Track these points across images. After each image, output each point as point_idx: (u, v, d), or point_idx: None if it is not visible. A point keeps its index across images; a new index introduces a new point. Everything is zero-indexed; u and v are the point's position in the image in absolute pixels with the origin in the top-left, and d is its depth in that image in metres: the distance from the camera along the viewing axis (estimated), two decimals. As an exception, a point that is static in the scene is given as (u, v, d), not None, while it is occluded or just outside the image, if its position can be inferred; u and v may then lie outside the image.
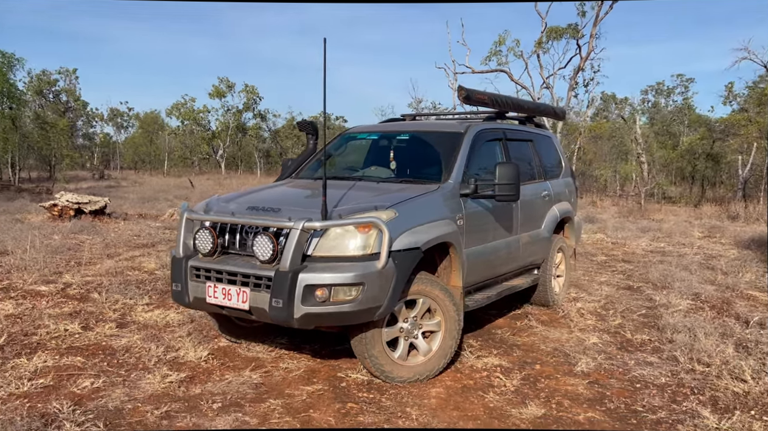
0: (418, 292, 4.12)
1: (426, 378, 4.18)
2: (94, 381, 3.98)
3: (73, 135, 47.26)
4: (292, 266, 3.64)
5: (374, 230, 3.78)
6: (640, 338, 5.26)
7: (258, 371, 4.29)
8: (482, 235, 4.88)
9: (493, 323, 5.72)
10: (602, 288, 7.25)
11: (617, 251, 10.59)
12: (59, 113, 44.65)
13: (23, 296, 6.17)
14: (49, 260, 8.04)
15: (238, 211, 4.16)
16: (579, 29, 27.01)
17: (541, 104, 7.03)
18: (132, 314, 5.62)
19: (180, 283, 4.06)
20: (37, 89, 46.33)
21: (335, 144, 5.78)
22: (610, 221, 15.31)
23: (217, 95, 50.46)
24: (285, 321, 3.69)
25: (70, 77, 50.57)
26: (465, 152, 4.88)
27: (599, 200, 24.27)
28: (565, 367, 4.55)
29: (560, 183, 6.52)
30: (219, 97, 50.63)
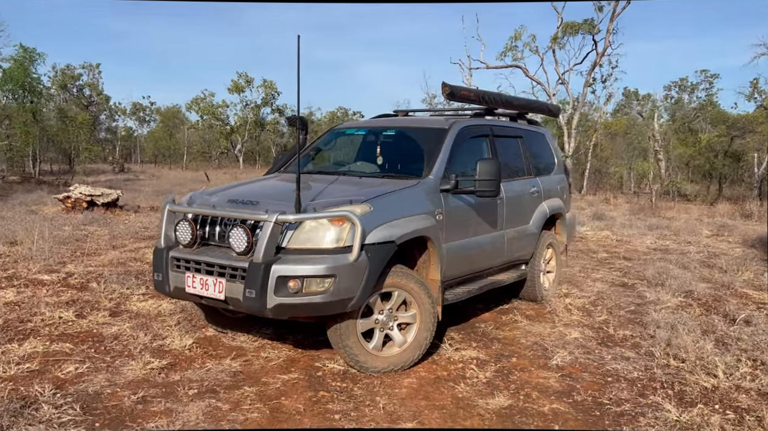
0: (393, 285, 4.21)
1: (401, 368, 4.28)
2: (79, 366, 4.14)
3: (96, 129, 48.07)
4: (265, 258, 3.76)
5: (347, 223, 3.88)
6: (622, 333, 5.29)
7: (239, 359, 4.43)
8: (463, 230, 4.95)
9: (479, 317, 5.79)
10: (596, 285, 7.27)
11: (620, 248, 10.56)
12: (82, 107, 45.39)
13: (25, 285, 6.39)
14: (56, 251, 8.28)
15: (218, 204, 4.29)
16: (595, 25, 26.79)
17: (533, 101, 7.05)
18: (127, 304, 5.79)
19: (161, 273, 4.21)
20: (62, 84, 47.18)
21: (325, 139, 5.88)
22: (619, 219, 15.23)
23: (236, 90, 50.90)
24: (258, 311, 3.81)
25: (93, 72, 51.37)
26: (447, 148, 4.95)
27: (613, 197, 24.09)
28: (540, 361, 4.61)
29: (551, 180, 6.55)
30: (238, 92, 51.08)
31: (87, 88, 50.55)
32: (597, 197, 23.89)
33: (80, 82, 49.85)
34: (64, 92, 47.90)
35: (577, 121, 27.00)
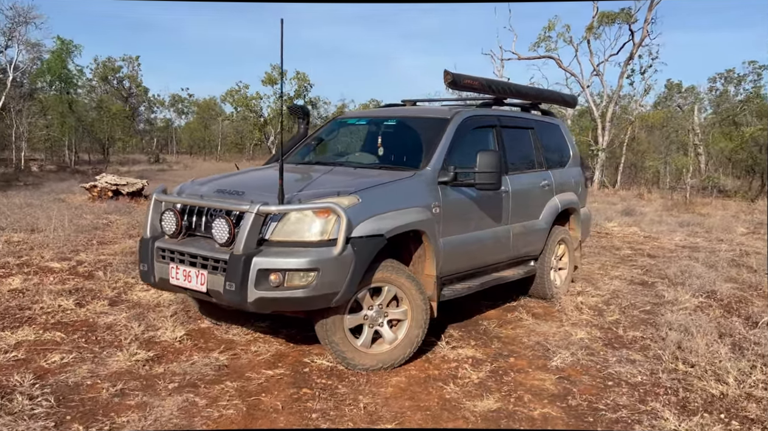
0: (383, 280, 4.06)
1: (390, 366, 4.13)
2: (65, 356, 4.12)
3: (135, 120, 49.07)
4: (246, 250, 3.65)
5: (333, 215, 3.74)
6: (631, 335, 5.03)
7: (227, 353, 4.34)
8: (463, 224, 4.76)
9: (483, 314, 5.59)
10: (612, 283, 6.98)
11: (646, 245, 10.17)
12: (122, 99, 46.34)
13: (35, 273, 6.45)
14: (72, 239, 8.38)
15: (206, 194, 4.21)
16: (632, 14, 25.96)
17: (546, 90, 6.77)
18: (128, 293, 5.78)
19: (146, 263, 4.14)
20: (102, 75, 48.25)
21: (327, 129, 5.75)
22: (650, 215, 14.72)
23: (270, 82, 51.17)
24: (239, 305, 3.71)
25: (133, 64, 52.36)
26: (448, 139, 4.76)
27: (648, 192, 23.36)
28: (540, 361, 4.40)
29: (565, 173, 6.29)
30: (271, 84, 51.39)
31: (127, 80, 51.56)
32: (630, 192, 23.20)
33: (120, 74, 50.87)
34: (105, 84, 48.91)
35: (611, 113, 26.26)
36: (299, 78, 50.84)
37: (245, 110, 52.50)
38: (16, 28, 28.27)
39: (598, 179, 26.09)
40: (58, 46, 26.46)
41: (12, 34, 28.56)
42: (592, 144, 26.62)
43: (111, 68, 49.24)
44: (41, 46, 29.09)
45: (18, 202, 12.56)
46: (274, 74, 50.73)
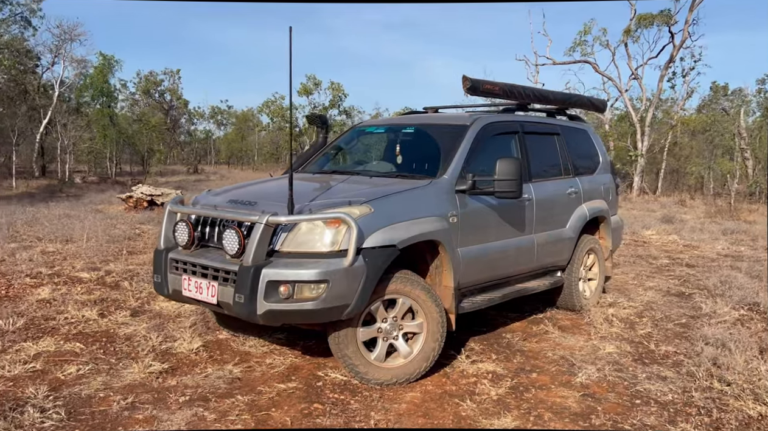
0: (396, 291, 3.95)
1: (406, 381, 4.00)
2: (81, 368, 4.12)
3: (176, 132, 50.26)
4: (255, 261, 3.58)
5: (343, 225, 3.65)
6: (664, 349, 4.79)
7: (241, 365, 4.29)
8: (483, 234, 4.61)
9: (508, 326, 5.41)
10: (647, 294, 6.70)
11: (685, 254, 9.78)
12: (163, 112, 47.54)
13: (64, 283, 6.55)
14: (104, 249, 8.52)
15: (220, 204, 4.17)
16: (672, 15, 25.27)
17: (572, 95, 6.56)
18: (151, 304, 5.80)
19: (160, 275, 4.13)
20: (145, 89, 49.62)
21: (346, 138, 5.68)
22: (691, 222, 14.22)
23: (305, 93, 51.75)
24: (249, 317, 3.64)
25: (173, 77, 53.72)
26: (466, 146, 4.63)
27: (690, 199, 22.61)
28: (564, 377, 4.21)
29: (594, 180, 6.07)
30: (306, 95, 51.94)
31: (168, 93, 52.87)
32: (672, 199, 22.49)
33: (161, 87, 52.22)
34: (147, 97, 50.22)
35: (650, 118, 25.56)
36: (334, 88, 51.27)
37: (281, 120, 53.19)
38: (62, 46, 29.38)
39: (637, 185, 25.41)
40: (100, 61, 27.29)
41: (58, 51, 29.69)
42: (631, 149, 25.93)
43: (153, 82, 50.56)
44: (87, 62, 30.20)
45: (58, 213, 12.90)
46: (309, 84, 51.33)
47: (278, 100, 53.33)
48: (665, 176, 28.52)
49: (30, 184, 22.58)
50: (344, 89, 51.61)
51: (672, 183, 29.65)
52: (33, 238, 9.39)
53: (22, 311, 5.35)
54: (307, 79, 51.63)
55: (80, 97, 30.93)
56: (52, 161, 29.88)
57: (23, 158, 30.63)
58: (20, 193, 19.00)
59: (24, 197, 16.97)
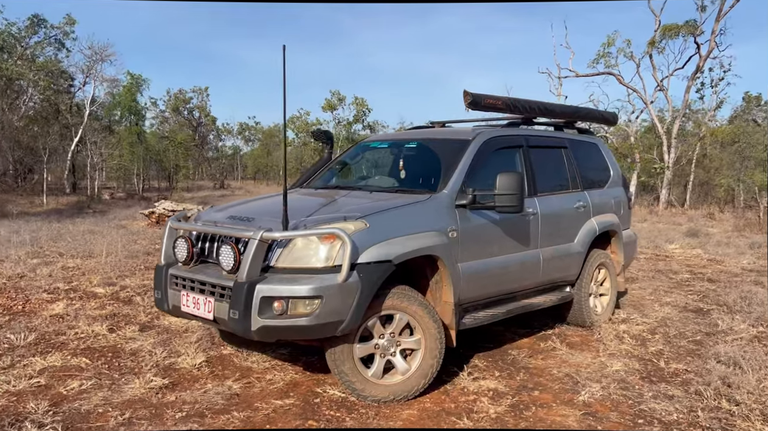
0: (393, 307, 3.92)
1: (403, 398, 3.96)
2: (84, 383, 4.18)
3: (204, 148, 51.17)
4: (249, 277, 3.60)
5: (338, 241, 3.65)
6: (674, 367, 4.66)
7: (241, 381, 4.30)
8: (484, 248, 4.57)
9: (515, 342, 5.33)
10: (663, 310, 6.54)
11: (708, 268, 9.54)
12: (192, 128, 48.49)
13: (80, 298, 6.67)
14: (122, 264, 8.66)
15: (219, 220, 4.21)
16: (698, 26, 24.91)
17: (581, 108, 6.47)
18: (160, 319, 5.86)
19: (161, 290, 4.17)
20: (174, 107, 50.72)
21: (351, 153, 5.71)
22: (717, 236, 13.88)
23: (329, 108, 52.26)
24: (243, 333, 3.65)
25: (202, 95, 54.82)
26: (467, 161, 4.60)
27: (719, 212, 22.09)
28: (567, 395, 4.12)
29: (604, 193, 5.98)
30: (331, 110, 52.43)
31: (196, 110, 53.88)
32: (699, 212, 22.00)
33: (190, 105, 53.25)
34: (176, 115, 51.27)
35: (677, 129, 25.13)
36: (358, 103, 51.65)
37: (306, 135, 53.72)
38: (93, 66, 30.23)
39: (664, 197, 24.95)
40: (129, 80, 28.03)
41: (89, 71, 30.56)
42: (657, 161, 25.50)
43: (182, 99, 51.66)
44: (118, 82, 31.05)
45: (82, 229, 13.19)
46: (333, 100, 51.81)
47: (303, 116, 53.98)
48: (694, 188, 27.96)
49: (60, 200, 23.15)
50: (368, 104, 51.90)
51: (701, 196, 29.04)
52: (55, 253, 9.60)
53: (35, 327, 5.47)
54: (332, 94, 52.18)
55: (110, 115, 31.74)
56: (83, 177, 30.64)
57: (56, 176, 31.48)
58: (49, 209, 19.48)
59: (52, 213, 17.39)
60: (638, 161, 26.28)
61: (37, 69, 27.33)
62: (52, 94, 28.96)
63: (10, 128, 25.54)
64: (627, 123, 28.84)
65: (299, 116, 53.87)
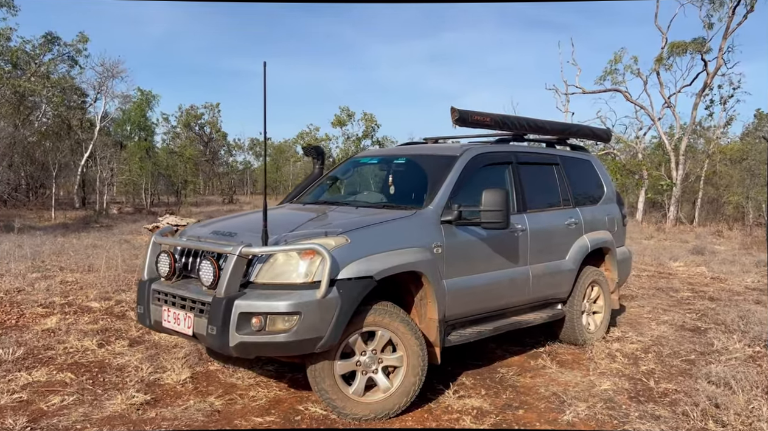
0: (375, 323, 3.90)
1: (385, 416, 3.92)
2: (66, 398, 4.17)
3: (214, 163, 51.53)
4: (227, 293, 3.59)
5: (317, 256, 3.64)
6: (663, 387, 4.58)
7: (223, 398, 4.27)
8: (471, 265, 4.54)
9: (505, 360, 5.27)
10: (659, 328, 6.45)
11: (711, 287, 9.41)
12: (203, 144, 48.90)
13: (74, 312, 6.69)
14: (121, 279, 8.68)
15: (204, 235, 4.22)
16: (705, 43, 24.88)
17: (572, 125, 6.44)
18: (151, 334, 5.85)
19: (143, 305, 4.17)
20: (185, 122, 51.23)
21: (342, 168, 5.72)
22: (723, 254, 13.72)
23: (339, 124, 52.55)
24: (221, 349, 3.64)
25: (213, 111, 55.34)
26: (454, 177, 4.59)
27: (728, 229, 21.87)
28: (551, 414, 4.06)
29: (597, 210, 5.93)
30: (340, 126, 52.72)
31: (207, 126, 54.33)
32: (708, 229, 21.81)
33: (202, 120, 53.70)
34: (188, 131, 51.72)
35: (684, 146, 25.00)
36: (366, 119, 51.91)
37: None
38: (104, 82, 30.67)
39: (672, 215, 24.76)
40: (139, 96, 28.40)
41: (101, 87, 30.99)
42: (664, 178, 25.34)
43: (193, 115, 52.18)
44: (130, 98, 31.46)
45: (86, 243, 13.28)
46: (342, 116, 52.11)
47: (312, 132, 54.35)
48: (702, 205, 27.74)
49: (68, 215, 23.35)
50: (377, 120, 52.13)
51: (710, 213, 28.79)
52: (56, 268, 9.65)
53: (25, 341, 5.48)
54: (341, 110, 52.52)
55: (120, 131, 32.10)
56: (93, 192, 30.95)
57: (67, 190, 31.83)
58: (57, 223, 19.64)
59: (59, 228, 17.53)
60: (646, 178, 26.15)
61: (51, 86, 27.75)
62: (64, 110, 29.37)
63: (23, 144, 25.89)
64: (635, 140, 28.76)
65: (309, 132, 54.27)
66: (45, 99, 27.88)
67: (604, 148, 26.92)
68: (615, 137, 28.57)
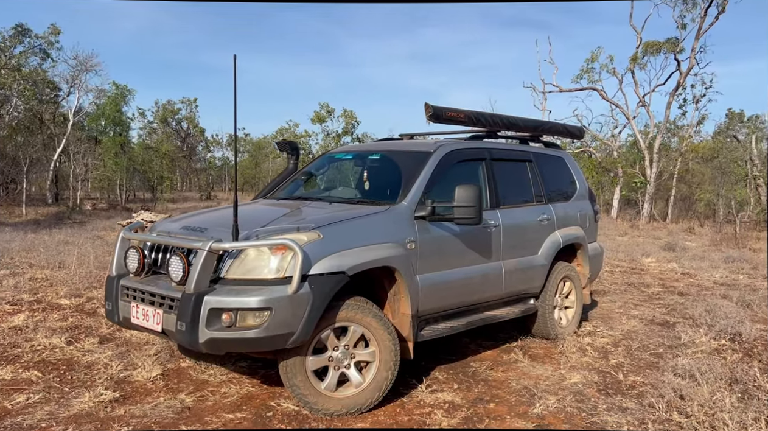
0: (347, 319, 3.89)
1: (357, 411, 3.92)
2: (31, 397, 4.09)
3: (192, 159, 50.93)
4: (197, 288, 3.56)
5: (289, 252, 3.63)
6: (631, 380, 4.66)
7: (195, 394, 4.23)
8: (444, 260, 4.56)
9: (478, 354, 5.31)
10: (629, 322, 6.56)
11: (680, 282, 9.59)
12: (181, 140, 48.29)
13: (43, 310, 6.57)
14: (93, 275, 8.53)
15: (174, 231, 4.17)
16: (678, 43, 25.29)
17: (545, 122, 6.49)
18: (122, 331, 5.77)
19: (111, 302, 4.11)
20: (162, 118, 50.53)
21: (317, 164, 5.70)
22: (694, 250, 13.99)
23: (318, 120, 52.26)
24: (191, 345, 3.60)
25: (191, 106, 54.66)
26: (428, 173, 4.61)
27: (699, 226, 22.30)
28: (522, 408, 4.10)
29: (569, 206, 6.00)
30: (320, 122, 52.43)
31: (185, 121, 53.63)
32: (680, 226, 22.20)
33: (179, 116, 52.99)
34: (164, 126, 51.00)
35: (658, 145, 25.39)
36: (347, 116, 51.73)
37: (296, 148, 53.61)
38: (78, 76, 30.12)
39: (646, 212, 25.14)
40: (114, 91, 27.93)
41: (74, 81, 30.43)
42: (639, 176, 25.72)
43: (170, 111, 51.49)
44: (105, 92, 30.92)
45: (57, 239, 13.04)
46: (322, 112, 51.85)
47: (292, 128, 53.96)
48: (675, 202, 28.21)
49: (40, 211, 22.92)
50: (357, 116, 51.95)
51: (683, 210, 29.31)
52: (25, 265, 9.47)
53: (-9, 338, 5.37)
54: (321, 107, 52.25)
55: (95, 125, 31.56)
56: (66, 188, 30.40)
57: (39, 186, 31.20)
58: (28, 220, 19.27)
59: (29, 224, 17.20)
60: (621, 176, 26.52)
61: (22, 79, 27.18)
62: (36, 104, 28.79)
63: (-8, 138, 25.34)
64: (610, 138, 29.14)
65: (288, 128, 53.88)
66: (16, 92, 27.31)
67: (580, 146, 27.26)
68: (591, 135, 28.94)
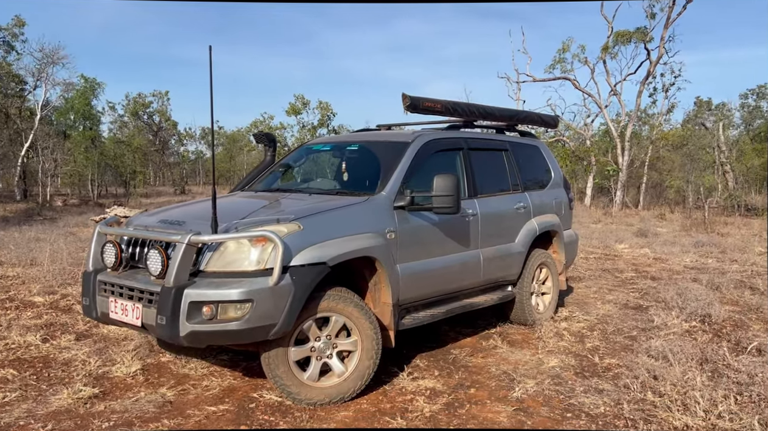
0: (329, 309, 3.91)
1: (340, 400, 3.95)
2: (8, 395, 4.03)
3: (165, 153, 50.17)
4: (177, 282, 3.54)
5: (269, 243, 3.63)
6: (607, 362, 4.77)
7: (176, 388, 4.22)
8: (424, 249, 4.60)
9: (458, 342, 5.38)
10: (604, 307, 6.70)
11: (652, 267, 9.80)
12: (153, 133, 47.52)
13: (15, 308, 6.46)
14: (67, 272, 8.40)
15: (151, 225, 4.14)
16: (647, 33, 25.65)
17: (520, 111, 6.56)
18: (99, 327, 5.71)
19: (88, 297, 4.07)
20: (133, 111, 49.62)
21: (294, 156, 5.69)
22: (665, 236, 14.29)
23: (293, 112, 51.85)
24: (171, 339, 3.59)
25: (162, 99, 53.75)
26: (406, 163, 4.64)
27: (670, 212, 22.74)
28: (501, 392, 4.18)
29: (545, 195, 6.09)
30: (295, 114, 52.02)
31: (156, 114, 52.74)
32: (652, 213, 22.62)
33: (150, 109, 52.09)
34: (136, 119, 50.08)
35: (630, 133, 25.79)
36: (322, 107, 51.42)
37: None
38: (44, 69, 29.38)
39: (619, 199, 25.56)
40: (82, 84, 27.34)
41: (40, 74, 29.68)
42: (611, 164, 26.12)
43: (141, 104, 50.56)
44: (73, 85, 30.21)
45: (28, 236, 12.77)
46: (297, 104, 51.43)
47: (267, 120, 53.43)
48: (647, 190, 28.70)
49: (8, 208, 22.39)
50: (332, 108, 51.65)
51: (654, 197, 29.83)
52: (-4, 262, 9.27)
53: (-36, 337, 5.27)
54: (296, 98, 51.85)
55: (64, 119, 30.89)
56: (35, 184, 29.74)
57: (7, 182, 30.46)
58: (-4, 217, 18.83)
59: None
60: (594, 164, 26.89)
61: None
62: (1, 98, 28.06)
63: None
64: (583, 127, 29.50)
65: (262, 121, 53.35)
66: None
67: (554, 135, 27.55)
68: (564, 125, 29.25)
